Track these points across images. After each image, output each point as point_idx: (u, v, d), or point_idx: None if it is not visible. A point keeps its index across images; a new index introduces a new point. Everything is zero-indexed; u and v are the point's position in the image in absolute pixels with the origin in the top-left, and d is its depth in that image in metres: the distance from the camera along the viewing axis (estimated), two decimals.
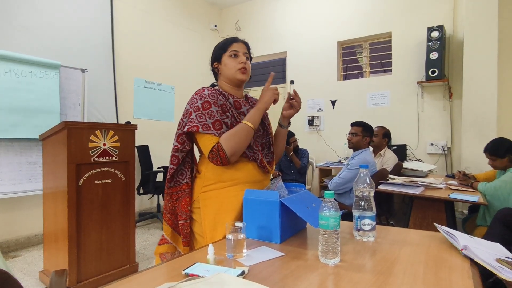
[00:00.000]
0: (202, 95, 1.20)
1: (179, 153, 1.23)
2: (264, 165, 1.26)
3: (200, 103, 1.18)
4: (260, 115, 1.22)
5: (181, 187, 1.26)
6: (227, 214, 1.18)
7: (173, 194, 1.28)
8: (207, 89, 1.23)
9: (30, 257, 2.87)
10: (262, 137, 1.34)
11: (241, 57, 1.27)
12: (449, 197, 2.17)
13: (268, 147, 1.36)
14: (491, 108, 3.41)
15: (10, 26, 3.04)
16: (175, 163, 1.24)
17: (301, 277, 0.78)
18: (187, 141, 1.24)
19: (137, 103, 4.27)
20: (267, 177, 1.31)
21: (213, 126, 1.16)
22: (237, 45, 1.28)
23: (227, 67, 1.27)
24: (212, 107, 1.18)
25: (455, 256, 0.90)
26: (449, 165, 3.87)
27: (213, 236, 1.17)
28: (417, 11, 4.01)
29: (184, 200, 1.25)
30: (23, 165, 3.03)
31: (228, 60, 1.27)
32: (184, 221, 1.24)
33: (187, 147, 1.24)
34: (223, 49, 1.28)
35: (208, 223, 1.20)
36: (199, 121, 1.17)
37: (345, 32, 4.55)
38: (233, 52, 1.27)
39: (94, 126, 2.20)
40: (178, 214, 1.27)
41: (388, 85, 4.24)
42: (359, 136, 2.73)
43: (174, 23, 4.85)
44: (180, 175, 1.27)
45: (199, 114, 1.17)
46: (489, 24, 3.41)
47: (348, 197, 2.74)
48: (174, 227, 1.30)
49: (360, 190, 1.06)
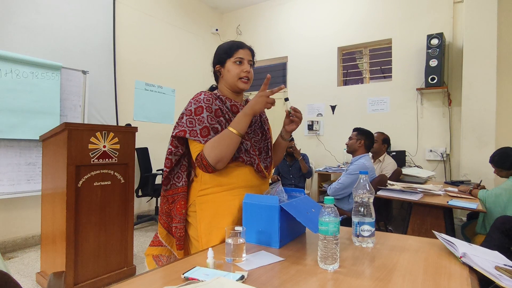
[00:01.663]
0: (197, 100, 1.19)
1: (172, 156, 1.22)
2: (261, 170, 1.24)
3: (194, 108, 1.18)
4: (247, 121, 1.17)
5: (177, 190, 1.26)
6: (223, 219, 1.17)
7: (169, 197, 1.27)
8: (203, 94, 1.22)
9: (27, 259, 2.85)
10: (260, 141, 1.32)
11: (245, 65, 1.25)
12: (448, 204, 2.17)
13: (266, 151, 1.34)
14: (490, 115, 3.42)
15: (11, 26, 3.06)
16: (168, 166, 1.23)
17: (300, 283, 0.78)
18: (180, 145, 1.22)
19: (137, 105, 4.28)
20: (264, 182, 1.30)
21: (200, 132, 1.15)
22: (243, 52, 1.25)
23: (230, 73, 1.25)
24: (204, 112, 1.17)
25: (454, 263, 0.90)
26: (448, 172, 3.88)
27: (208, 240, 1.16)
28: (417, 18, 4.05)
29: (179, 203, 1.24)
30: (22, 165, 3.02)
31: (232, 66, 1.24)
32: (178, 224, 1.23)
33: (180, 150, 1.23)
34: (228, 54, 1.25)
35: (204, 227, 1.18)
36: (188, 126, 1.16)
37: (346, 38, 4.58)
38: (238, 59, 1.24)
39: (94, 128, 2.21)
40: (173, 217, 1.25)
41: (388, 91, 4.26)
42: (353, 139, 2.76)
43: (176, 26, 4.87)
44: (176, 178, 1.27)
45: (190, 119, 1.17)
46: (488, 32, 3.44)
47: (347, 202, 2.74)
48: (169, 229, 1.29)
49: (360, 196, 1.06)
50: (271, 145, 1.38)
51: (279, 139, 1.40)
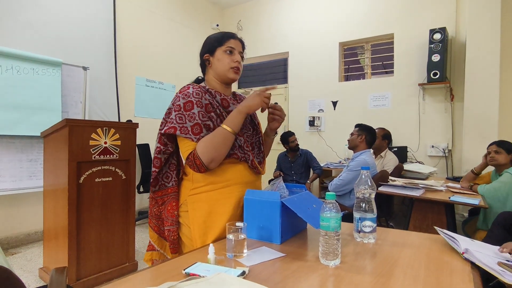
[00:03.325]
0: (186, 94, 1.12)
1: (161, 155, 1.15)
2: (256, 165, 1.20)
3: (182, 103, 1.11)
4: (241, 119, 1.13)
5: (167, 190, 1.19)
6: (218, 218, 1.12)
7: (158, 199, 1.20)
8: (192, 87, 1.15)
9: (30, 254, 2.87)
10: (252, 136, 1.28)
11: (236, 55, 1.21)
12: (449, 199, 2.17)
13: (259, 146, 1.30)
14: (492, 110, 3.40)
15: (12, 23, 3.04)
16: (157, 165, 1.16)
17: (302, 278, 0.78)
18: (169, 142, 1.16)
19: (138, 101, 4.27)
20: (258, 178, 1.26)
21: (192, 129, 1.08)
22: (234, 42, 1.22)
23: (221, 62, 1.19)
24: (194, 108, 1.10)
25: (456, 259, 0.90)
26: (449, 168, 3.87)
27: (203, 241, 1.11)
28: (420, 13, 4.01)
29: (170, 204, 1.18)
30: (24, 162, 3.03)
31: (222, 55, 1.20)
32: (171, 227, 1.17)
33: (170, 148, 1.16)
34: (220, 42, 1.21)
35: (198, 227, 1.13)
36: (178, 122, 1.09)
37: (347, 33, 4.55)
38: (229, 48, 1.20)
39: (95, 124, 2.21)
40: (164, 220, 1.19)
41: (390, 86, 4.24)
42: (355, 134, 2.76)
43: (176, 22, 4.85)
44: (165, 178, 1.20)
45: (179, 114, 1.10)
46: (491, 26, 3.40)
47: (348, 198, 2.74)
48: (160, 233, 1.24)
49: (361, 192, 1.06)
50: (262, 140, 1.33)
51: (265, 137, 1.36)
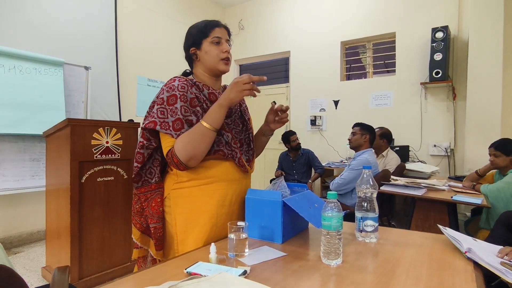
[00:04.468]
0: (170, 87, 1.07)
1: (144, 150, 1.10)
2: (243, 164, 1.15)
3: (166, 96, 1.06)
4: (222, 113, 1.05)
5: (150, 187, 1.14)
6: (199, 216, 1.09)
7: (141, 195, 1.14)
8: (178, 80, 1.09)
9: (33, 253, 2.88)
10: (241, 132, 1.22)
11: (224, 45, 1.14)
12: (452, 199, 2.16)
13: (248, 143, 1.24)
14: (495, 109, 3.38)
15: (14, 23, 3.06)
16: (140, 161, 1.10)
17: (303, 278, 0.78)
18: (152, 137, 1.10)
19: (139, 101, 4.28)
20: (246, 176, 1.20)
21: (172, 125, 1.04)
22: (220, 31, 1.15)
23: (209, 55, 1.13)
24: (177, 102, 1.05)
25: (458, 258, 0.89)
26: (452, 167, 3.85)
27: (183, 238, 1.08)
28: (422, 11, 3.99)
29: (154, 201, 1.13)
30: (27, 161, 3.04)
31: (209, 47, 1.13)
32: (156, 224, 1.12)
33: (153, 143, 1.10)
34: (204, 33, 1.14)
35: (179, 223, 1.10)
36: (159, 116, 1.04)
37: (349, 32, 4.53)
38: (216, 39, 1.13)
39: (97, 124, 2.21)
40: (149, 217, 1.14)
41: (391, 85, 4.22)
42: (358, 134, 2.74)
43: (177, 21, 4.85)
44: (149, 174, 1.14)
45: (161, 108, 1.05)
46: (494, 25, 3.39)
47: (350, 197, 2.73)
48: (144, 230, 1.19)
49: (363, 191, 1.06)
50: (252, 136, 1.27)
51: (260, 136, 1.30)
